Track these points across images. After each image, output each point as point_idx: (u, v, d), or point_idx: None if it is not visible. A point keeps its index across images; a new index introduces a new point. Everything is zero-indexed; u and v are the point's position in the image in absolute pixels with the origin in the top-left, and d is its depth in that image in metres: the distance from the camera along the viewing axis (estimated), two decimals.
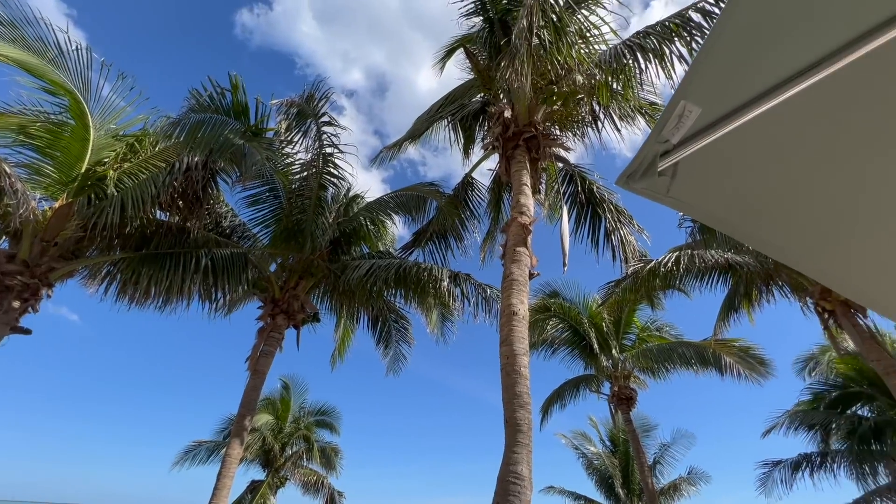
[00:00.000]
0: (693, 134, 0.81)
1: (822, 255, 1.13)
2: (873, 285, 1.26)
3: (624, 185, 0.89)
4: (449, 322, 11.84)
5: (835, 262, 1.17)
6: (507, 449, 4.42)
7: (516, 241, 6.11)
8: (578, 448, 23.01)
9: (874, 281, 1.25)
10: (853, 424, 12.66)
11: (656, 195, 0.91)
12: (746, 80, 0.74)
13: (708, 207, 0.97)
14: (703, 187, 0.94)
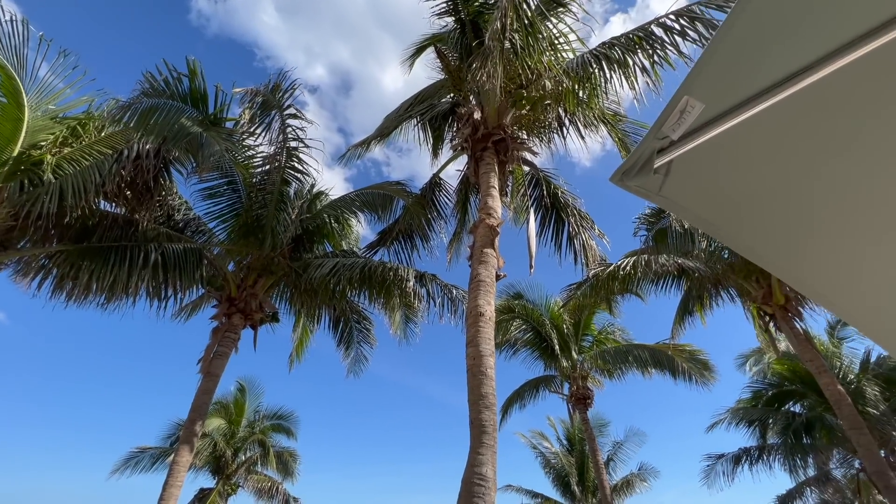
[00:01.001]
0: (690, 132, 0.81)
1: (795, 259, 1.17)
2: (837, 291, 1.32)
3: (619, 182, 0.88)
4: (412, 323, 11.74)
5: (805, 267, 1.21)
6: (472, 450, 4.40)
7: (484, 243, 6.13)
8: (536, 447, 23.52)
9: (838, 286, 1.31)
10: (788, 420, 13.66)
11: (648, 193, 0.91)
12: (748, 78, 0.74)
13: (695, 209, 0.98)
14: (692, 187, 0.94)
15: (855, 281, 1.48)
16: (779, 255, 1.09)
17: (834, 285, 1.28)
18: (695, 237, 8.84)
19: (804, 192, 1.05)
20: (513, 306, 16.51)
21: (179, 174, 7.76)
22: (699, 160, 0.89)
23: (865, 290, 1.55)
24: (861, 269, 1.49)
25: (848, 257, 1.29)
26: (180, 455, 6.36)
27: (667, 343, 13.87)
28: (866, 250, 1.44)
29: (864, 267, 1.49)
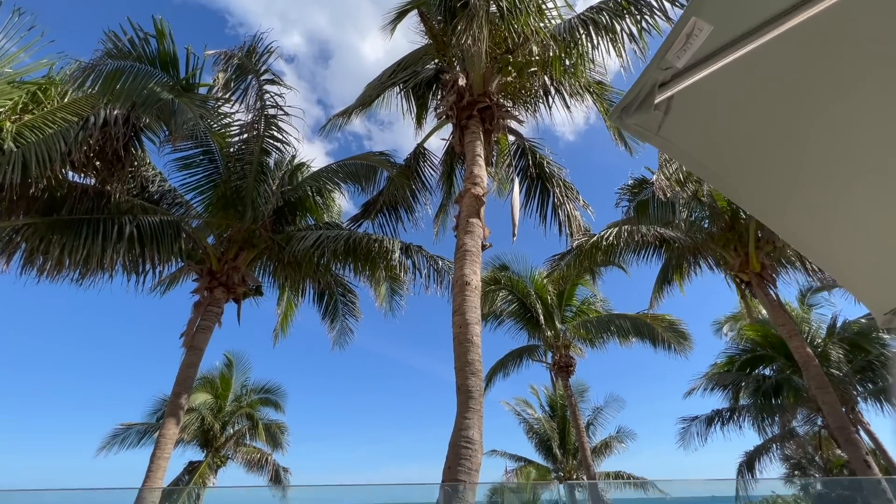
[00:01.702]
0: (693, 64, 0.77)
1: (783, 206, 1.17)
2: (819, 239, 1.33)
3: (618, 121, 0.85)
4: (398, 296, 11.76)
5: (791, 214, 1.21)
6: (459, 415, 4.49)
7: (469, 212, 6.09)
8: (520, 414, 24.34)
9: (821, 235, 1.32)
10: (758, 383, 14.36)
11: (647, 133, 0.88)
12: (758, 3, 0.70)
13: (693, 152, 0.95)
14: (690, 129, 0.91)
15: (837, 230, 1.50)
16: (768, 202, 1.08)
17: (817, 233, 1.29)
18: (676, 207, 8.97)
19: (799, 138, 1.03)
20: (499, 277, 16.68)
21: (152, 143, 7.42)
22: (699, 99, 0.86)
23: (846, 239, 1.58)
24: (844, 218, 1.51)
25: (833, 206, 1.30)
26: (166, 428, 6.35)
27: (647, 313, 14.26)
28: (850, 200, 1.45)
29: (847, 216, 1.51)
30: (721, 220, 9.46)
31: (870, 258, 1.67)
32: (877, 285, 1.76)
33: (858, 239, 1.61)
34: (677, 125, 0.87)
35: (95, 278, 7.78)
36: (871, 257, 1.69)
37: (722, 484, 15.81)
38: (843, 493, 13.58)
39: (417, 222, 10.39)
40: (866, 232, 1.59)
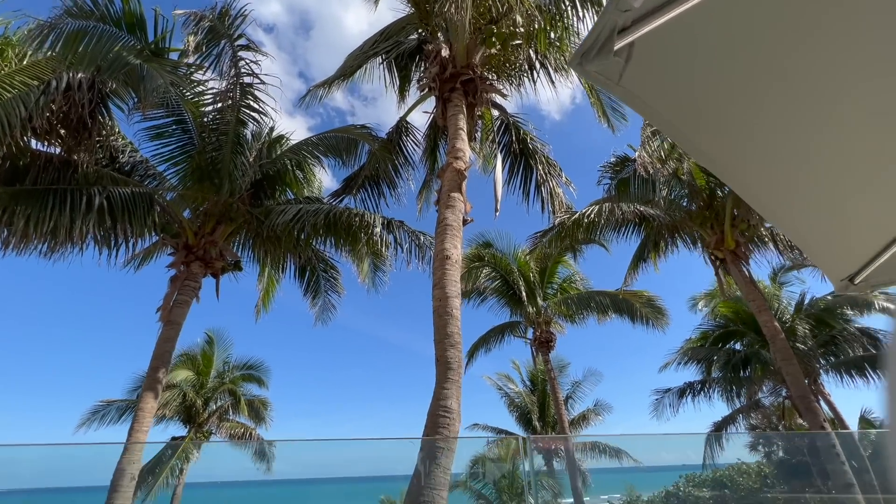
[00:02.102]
0: (655, 8, 0.75)
1: (749, 172, 1.18)
2: (784, 206, 1.35)
3: (577, 68, 0.83)
4: (381, 272, 11.74)
5: (759, 180, 1.22)
6: (438, 385, 4.57)
7: (451, 187, 6.04)
8: (502, 388, 24.97)
9: (786, 202, 1.34)
10: (729, 356, 14.97)
11: (608, 82, 0.86)
12: None
13: (656, 105, 0.94)
14: (654, 80, 0.90)
15: (799, 195, 1.53)
16: (731, 163, 1.09)
17: (780, 198, 1.31)
18: (656, 185, 9.07)
19: (766, 97, 1.02)
20: (482, 255, 16.78)
21: (120, 111, 7.09)
22: (661, 48, 0.84)
23: (807, 205, 1.61)
24: (806, 183, 1.53)
25: (796, 170, 1.32)
26: (144, 402, 6.30)
27: (630, 291, 14.57)
28: (812, 166, 1.48)
29: (808, 182, 1.53)
30: (699, 198, 9.62)
31: (828, 225, 1.72)
32: (834, 252, 1.81)
33: (818, 205, 1.64)
34: (639, 75, 0.85)
35: (65, 252, 7.53)
36: (830, 224, 1.73)
37: (691, 452, 16.60)
38: (802, 458, 14.45)
39: (400, 198, 10.30)
40: (826, 198, 1.62)
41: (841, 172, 1.55)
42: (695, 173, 9.31)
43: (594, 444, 21.63)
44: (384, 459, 6.41)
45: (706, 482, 15.65)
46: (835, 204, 1.65)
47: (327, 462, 6.01)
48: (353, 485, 34.85)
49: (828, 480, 9.05)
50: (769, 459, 15.97)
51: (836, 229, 1.72)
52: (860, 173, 1.59)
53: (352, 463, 6.05)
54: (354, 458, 6.12)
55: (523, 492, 19.41)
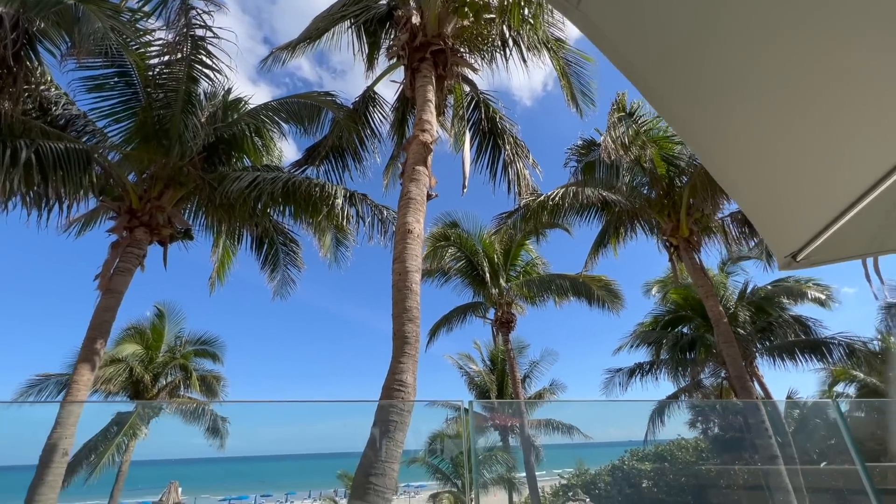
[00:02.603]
0: None
1: (705, 130, 1.13)
2: (732, 163, 1.33)
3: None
4: (343, 247, 11.47)
5: (715, 141, 1.18)
6: (394, 360, 4.51)
7: (416, 160, 5.88)
8: (463, 367, 25.48)
9: (734, 158, 1.31)
10: (677, 339, 15.82)
11: (566, 4, 0.77)
12: None
13: (615, 39, 0.87)
14: (618, 10, 0.82)
15: (753, 166, 1.52)
16: (690, 116, 1.04)
17: (735, 165, 1.28)
18: (619, 171, 9.24)
19: (735, 53, 0.96)
20: (448, 234, 16.75)
21: (52, 56, 6.39)
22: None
23: (761, 176, 1.61)
24: (760, 154, 1.52)
25: (755, 138, 1.29)
26: (79, 374, 5.89)
27: (589, 275, 15.00)
28: (769, 136, 1.46)
29: (765, 153, 1.52)
30: (659, 186, 9.91)
31: (779, 198, 1.73)
32: (781, 227, 1.84)
33: (772, 176, 1.64)
34: (600, 3, 0.77)
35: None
36: (781, 198, 1.75)
37: (635, 428, 17.54)
38: (734, 434, 15.64)
39: (365, 171, 10.01)
40: (780, 170, 1.62)
41: (796, 144, 1.54)
42: (656, 161, 9.55)
43: (548, 421, 22.57)
44: (343, 437, 6.34)
45: (648, 456, 16.67)
46: (787, 177, 1.65)
47: (285, 438, 5.89)
48: (313, 461, 34.69)
49: (755, 454, 9.84)
50: (706, 435, 17.19)
51: (785, 204, 1.74)
52: (814, 146, 1.60)
53: (311, 440, 5.96)
54: (313, 436, 6.00)
55: (479, 466, 20.03)
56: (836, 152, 1.61)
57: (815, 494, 8.47)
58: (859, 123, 1.52)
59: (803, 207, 1.79)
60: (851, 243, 1.92)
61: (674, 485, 14.45)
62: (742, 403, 9.60)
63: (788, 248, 1.89)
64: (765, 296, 16.40)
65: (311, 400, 8.48)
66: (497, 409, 22.29)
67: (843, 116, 1.48)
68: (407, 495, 38.30)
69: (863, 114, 1.47)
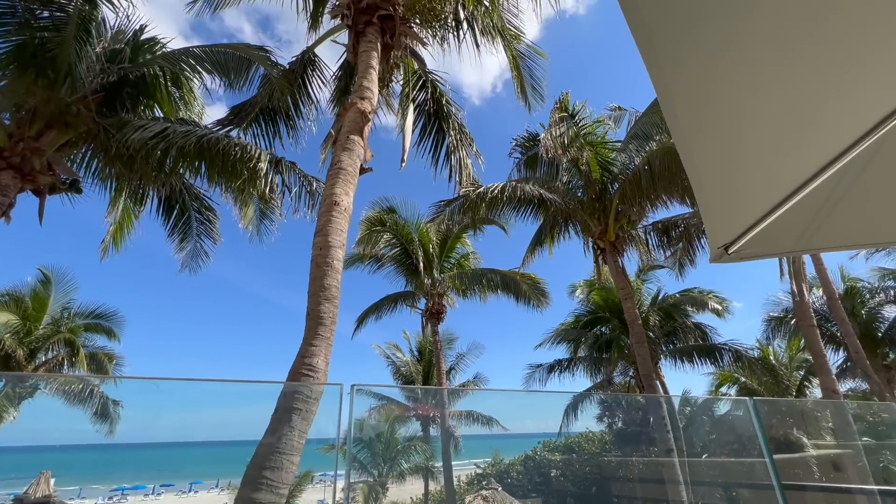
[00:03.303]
0: None
1: (679, 87, 0.94)
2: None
3: None
4: (268, 220, 10.61)
5: (686, 102, 1.00)
6: (305, 342, 4.08)
7: (352, 128, 5.41)
8: (390, 357, 25.17)
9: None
10: (595, 339, 16.72)
11: None
12: None
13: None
14: None
15: (711, 150, 1.39)
16: (672, 75, 0.86)
17: (700, 143, 1.12)
18: (559, 170, 9.40)
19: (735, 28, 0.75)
20: (385, 220, 16.23)
21: None
22: None
23: (715, 164, 1.48)
24: (716, 140, 1.39)
25: (721, 122, 1.14)
26: None
27: (516, 270, 15.33)
28: (729, 124, 1.32)
29: (721, 141, 1.39)
30: (593, 189, 10.24)
31: (724, 188, 1.63)
32: (721, 217, 1.75)
33: (723, 164, 1.53)
34: None
35: None
36: (726, 187, 1.65)
37: (550, 422, 18.32)
38: (635, 428, 16.91)
39: (299, 140, 9.24)
40: (731, 159, 1.51)
41: (750, 133, 1.43)
42: (592, 165, 9.84)
43: (469, 412, 22.99)
44: (254, 423, 5.74)
45: (559, 447, 17.54)
46: (737, 166, 1.55)
47: (188, 425, 5.19)
48: (224, 449, 32.44)
49: (653, 446, 10.62)
50: (610, 429, 18.43)
51: (729, 194, 1.65)
52: (762, 139, 1.50)
53: (217, 426, 5.31)
54: (219, 422, 5.31)
55: (397, 455, 19.85)
56: (775, 148, 1.54)
57: (698, 486, 9.32)
58: (797, 120, 1.44)
59: (742, 200, 1.71)
60: (779, 240, 1.89)
61: (579, 474, 15.30)
62: (645, 399, 10.28)
63: (723, 240, 1.81)
64: (673, 303, 17.86)
65: (210, 379, 7.56)
66: (421, 400, 22.28)
67: (786, 110, 1.39)
68: (323, 484, 37.35)
69: (802, 109, 1.39)
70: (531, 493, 15.90)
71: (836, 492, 6.56)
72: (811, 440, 11.44)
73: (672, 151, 7.42)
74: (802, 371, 20.79)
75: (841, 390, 10.44)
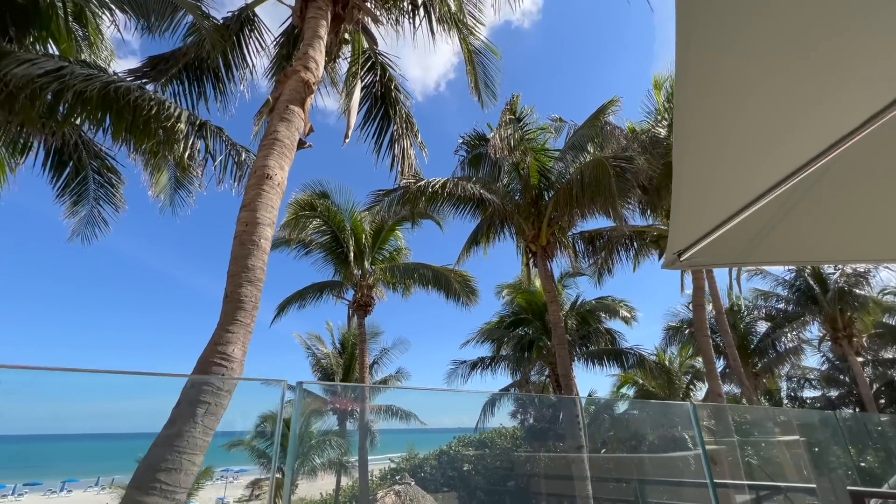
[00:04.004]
0: None
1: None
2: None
3: None
4: (185, 191, 9.53)
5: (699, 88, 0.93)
6: (220, 327, 3.63)
7: (292, 98, 4.95)
8: (311, 348, 24.15)
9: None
10: (518, 339, 17.35)
11: None
12: None
13: None
14: None
15: (695, 153, 1.37)
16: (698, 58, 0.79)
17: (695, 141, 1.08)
18: (501, 172, 9.54)
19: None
20: (316, 204, 15.41)
21: None
22: None
23: (694, 171, 1.48)
24: (701, 146, 1.37)
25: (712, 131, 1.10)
26: None
27: (450, 267, 15.41)
28: (716, 132, 1.31)
29: (706, 147, 1.37)
30: (530, 194, 10.55)
31: (693, 196, 1.64)
32: (681, 226, 1.77)
33: (695, 179, 1.53)
34: None
35: None
36: (691, 199, 1.66)
37: (466, 417, 18.71)
38: (545, 425, 17.85)
39: (228, 106, 8.38)
40: (707, 167, 1.51)
41: (724, 148, 1.45)
42: (531, 171, 10.13)
43: (388, 406, 22.76)
44: (147, 413, 5.03)
45: (473, 442, 17.99)
46: (708, 180, 1.57)
47: (69, 416, 4.36)
48: (106, 442, 29.18)
49: (559, 442, 11.25)
50: (523, 425, 19.28)
51: (695, 205, 1.68)
52: (727, 156, 1.53)
53: (103, 417, 4.54)
54: (106, 412, 4.55)
55: (310, 451, 19.02)
56: (733, 170, 1.59)
57: (597, 482, 10.04)
58: (751, 146, 1.48)
59: (703, 212, 1.76)
60: (723, 253, 1.97)
61: (490, 468, 15.79)
62: (559, 399, 10.84)
63: (678, 246, 1.85)
64: (589, 309, 19.12)
65: (95, 370, 6.34)
66: (340, 394, 21.62)
67: (750, 133, 1.42)
68: (224, 480, 34.93)
69: (758, 135, 1.44)
70: (443, 487, 16.12)
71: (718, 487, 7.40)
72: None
73: (601, 164, 7.84)
74: (689, 375, 23.44)
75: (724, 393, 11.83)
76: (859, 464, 9.67)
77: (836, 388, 26.07)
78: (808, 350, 23.05)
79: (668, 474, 8.77)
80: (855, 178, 1.62)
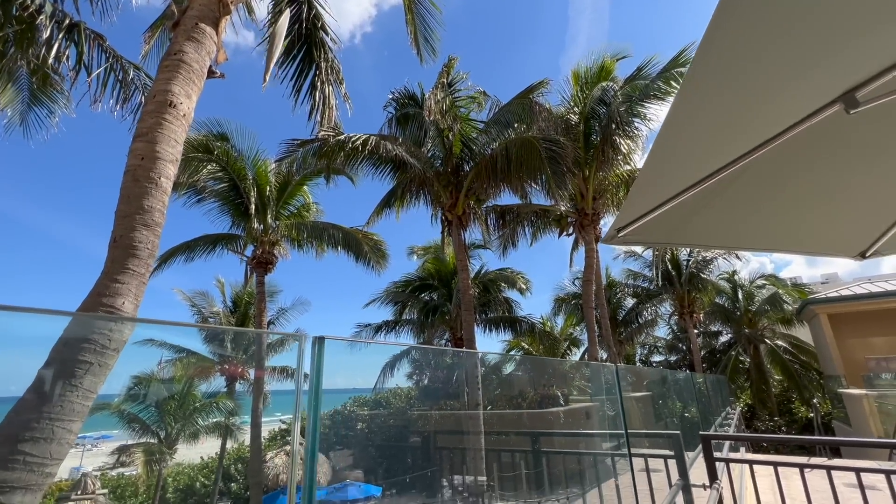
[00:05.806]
0: None
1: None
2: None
3: None
4: (45, 109, 7.71)
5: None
6: (106, 276, 3.07)
7: (203, 14, 4.19)
8: (196, 306, 22.07)
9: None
10: (423, 304, 17.76)
11: None
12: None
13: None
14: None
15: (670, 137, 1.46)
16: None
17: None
18: (427, 135, 9.36)
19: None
20: (212, 147, 13.60)
21: None
22: None
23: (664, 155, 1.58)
24: (679, 126, 1.47)
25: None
26: None
27: (360, 228, 14.99)
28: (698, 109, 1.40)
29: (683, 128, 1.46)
30: (451, 163, 10.59)
31: (644, 180, 1.77)
32: (629, 205, 1.91)
33: (657, 161, 1.64)
34: None
35: None
36: (645, 180, 1.79)
37: (369, 378, 18.89)
38: (438, 384, 18.83)
39: (109, 12, 6.84)
40: (661, 159, 1.63)
41: (687, 134, 1.58)
42: (455, 139, 10.13)
43: (283, 368, 21.95)
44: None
45: (368, 402, 18.33)
46: (664, 164, 1.70)
47: None
48: None
49: (453, 399, 12.00)
50: (418, 386, 20.09)
51: (645, 186, 1.82)
52: (685, 145, 1.68)
53: None
54: None
55: (193, 413, 17.66)
56: (682, 160, 1.76)
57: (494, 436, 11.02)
58: (700, 136, 1.66)
59: (646, 194, 1.92)
60: (653, 232, 2.20)
61: (384, 426, 16.32)
62: (462, 355, 11.47)
63: (620, 222, 2.01)
64: (491, 279, 20.28)
65: None
66: (231, 356, 20.25)
67: (701, 124, 1.58)
68: (81, 448, 31.01)
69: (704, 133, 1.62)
70: (336, 446, 16.29)
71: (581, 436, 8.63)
72: (569, 395, 14.74)
73: (530, 142, 8.17)
74: (567, 342, 26.49)
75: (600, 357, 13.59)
76: (684, 414, 11.96)
77: (675, 354, 31.65)
78: (661, 323, 27.52)
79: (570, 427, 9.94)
80: (769, 177, 1.91)
